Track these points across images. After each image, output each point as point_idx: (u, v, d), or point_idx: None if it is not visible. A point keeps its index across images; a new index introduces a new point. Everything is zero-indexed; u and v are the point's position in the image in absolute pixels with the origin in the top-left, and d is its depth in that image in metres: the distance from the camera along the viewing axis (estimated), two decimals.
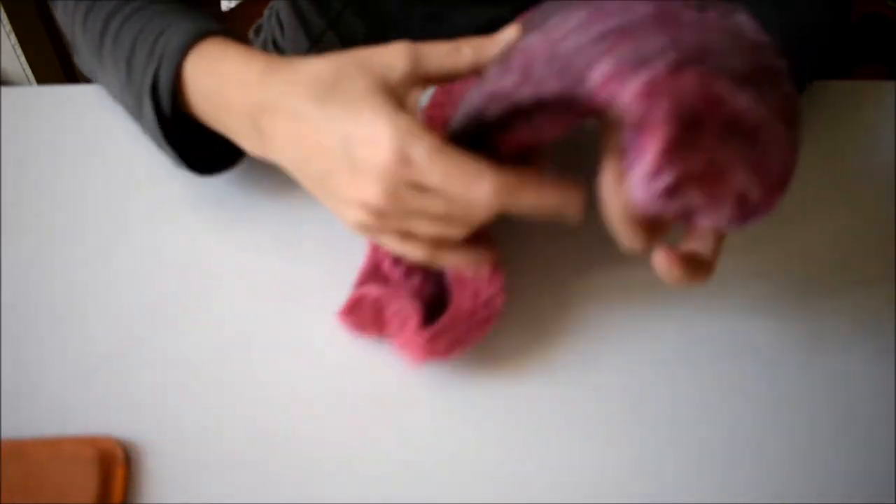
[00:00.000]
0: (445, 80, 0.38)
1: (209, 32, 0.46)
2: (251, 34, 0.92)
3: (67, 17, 0.56)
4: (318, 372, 0.47)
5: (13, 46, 1.45)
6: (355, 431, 0.45)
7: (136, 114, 0.51)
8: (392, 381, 0.46)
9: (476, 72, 0.38)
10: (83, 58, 0.56)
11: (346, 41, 0.78)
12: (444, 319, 0.44)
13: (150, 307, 0.49)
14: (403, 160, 0.34)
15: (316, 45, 0.79)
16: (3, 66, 1.53)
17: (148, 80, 0.46)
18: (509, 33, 0.37)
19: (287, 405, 0.45)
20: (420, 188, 0.35)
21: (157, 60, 0.46)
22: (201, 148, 0.49)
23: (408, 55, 0.37)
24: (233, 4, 1.86)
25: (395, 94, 0.36)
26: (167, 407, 0.45)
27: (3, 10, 1.40)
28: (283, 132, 0.40)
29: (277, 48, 0.86)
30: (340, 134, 0.36)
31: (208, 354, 0.47)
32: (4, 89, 0.61)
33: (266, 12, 0.90)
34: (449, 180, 0.34)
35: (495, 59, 0.38)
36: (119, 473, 0.42)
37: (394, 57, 0.37)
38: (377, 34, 0.76)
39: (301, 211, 0.53)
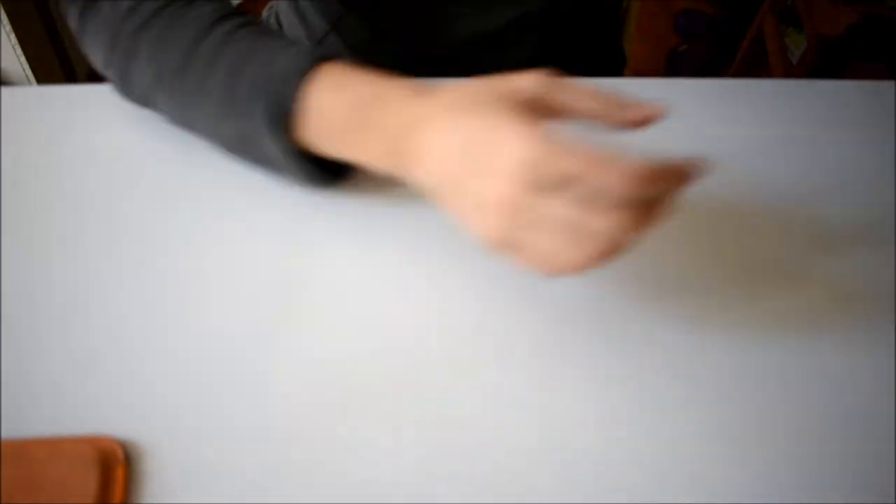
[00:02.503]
0: (565, 114, 0.42)
1: (322, 58, 0.48)
2: None
3: (115, 49, 0.53)
4: (319, 372, 0.47)
5: (13, 46, 1.45)
6: (356, 431, 0.45)
7: (234, 141, 0.51)
8: (393, 381, 0.47)
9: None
10: (137, 89, 0.54)
11: (349, 45, 0.78)
12: None
13: (150, 307, 0.49)
14: (545, 151, 0.38)
15: (317, 47, 0.79)
16: (3, 66, 1.53)
17: (262, 106, 0.48)
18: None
19: (287, 405, 0.45)
20: (556, 184, 0.38)
21: (273, 85, 0.47)
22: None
23: (540, 81, 0.41)
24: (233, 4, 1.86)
25: (528, 109, 0.41)
26: (167, 407, 0.45)
27: (3, 10, 1.40)
28: (437, 144, 0.43)
29: None
30: (486, 138, 0.41)
31: (208, 354, 0.47)
32: (4, 89, 0.61)
33: (265, 12, 0.90)
34: (588, 167, 0.37)
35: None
36: (119, 473, 0.42)
37: (526, 81, 0.41)
38: (378, 40, 0.77)
39: (300, 211, 0.53)
